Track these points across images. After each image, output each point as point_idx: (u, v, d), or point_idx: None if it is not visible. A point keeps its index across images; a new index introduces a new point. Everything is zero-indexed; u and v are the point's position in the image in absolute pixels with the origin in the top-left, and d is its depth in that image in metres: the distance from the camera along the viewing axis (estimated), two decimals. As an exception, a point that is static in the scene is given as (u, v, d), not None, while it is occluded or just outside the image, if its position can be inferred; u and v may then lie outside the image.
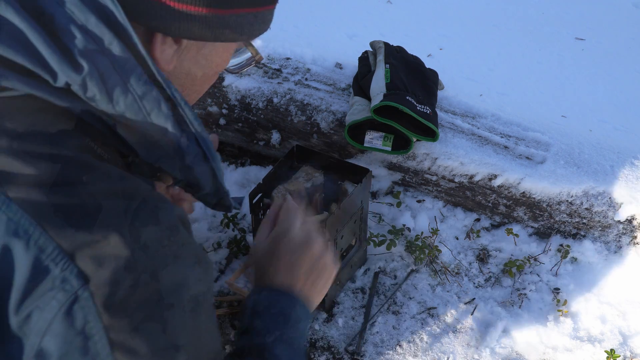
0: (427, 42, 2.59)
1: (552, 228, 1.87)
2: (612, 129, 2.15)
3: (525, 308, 1.73)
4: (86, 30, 0.76)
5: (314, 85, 2.11)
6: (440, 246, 1.84)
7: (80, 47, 0.75)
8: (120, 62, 0.78)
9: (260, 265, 1.15)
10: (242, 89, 2.13)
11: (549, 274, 1.80)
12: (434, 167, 1.91)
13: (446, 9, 2.92)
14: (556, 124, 2.07)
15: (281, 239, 1.15)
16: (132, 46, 0.79)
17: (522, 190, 1.84)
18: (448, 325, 1.69)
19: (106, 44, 0.77)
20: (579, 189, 1.81)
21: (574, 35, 2.77)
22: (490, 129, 1.98)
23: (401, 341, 1.66)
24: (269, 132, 2.10)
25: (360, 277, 1.82)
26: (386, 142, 1.89)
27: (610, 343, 1.63)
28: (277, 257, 1.13)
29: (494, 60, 2.53)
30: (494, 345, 1.63)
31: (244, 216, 2.06)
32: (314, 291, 1.15)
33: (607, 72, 2.51)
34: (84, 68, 0.76)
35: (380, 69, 1.94)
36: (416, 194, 1.98)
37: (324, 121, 2.01)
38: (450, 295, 1.76)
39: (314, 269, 1.15)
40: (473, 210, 1.94)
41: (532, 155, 1.89)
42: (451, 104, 2.07)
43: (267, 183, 1.67)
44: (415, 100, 1.85)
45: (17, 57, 0.74)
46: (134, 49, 0.80)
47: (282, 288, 1.10)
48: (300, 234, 1.16)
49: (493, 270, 1.82)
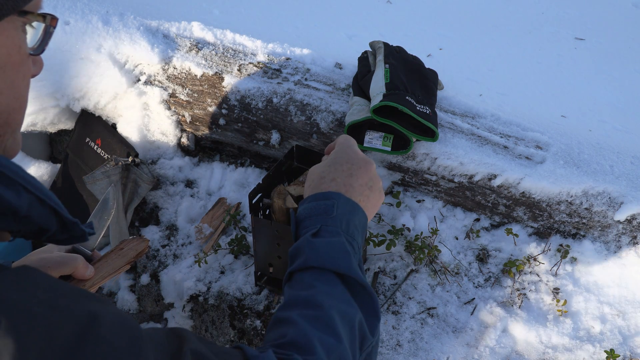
0: (427, 42, 2.58)
1: (552, 228, 1.87)
2: (612, 129, 2.15)
3: (525, 308, 1.73)
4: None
5: (313, 85, 2.11)
6: (440, 246, 1.84)
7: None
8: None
9: (318, 176, 1.20)
10: (241, 89, 2.13)
11: (548, 274, 1.80)
12: (433, 167, 1.91)
13: (446, 9, 2.92)
14: (556, 123, 2.07)
15: (345, 153, 1.22)
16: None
17: (521, 190, 1.84)
18: (448, 325, 1.69)
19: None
20: (578, 188, 1.81)
21: (573, 35, 2.76)
22: (490, 129, 1.98)
23: (401, 341, 1.66)
24: (269, 132, 2.10)
25: (360, 277, 1.82)
26: (386, 142, 1.89)
27: (610, 343, 1.63)
28: (339, 167, 1.20)
29: (494, 60, 2.53)
30: (494, 345, 1.63)
31: (244, 216, 2.06)
32: (368, 204, 1.20)
33: (607, 72, 2.51)
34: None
35: (379, 69, 1.94)
36: (416, 194, 1.98)
37: (324, 121, 2.01)
38: (450, 295, 1.76)
39: (370, 185, 1.20)
40: (473, 210, 1.94)
41: (532, 155, 1.89)
42: (451, 104, 2.07)
43: (267, 183, 1.67)
44: (415, 100, 1.85)
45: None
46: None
47: (331, 191, 1.15)
48: (363, 154, 1.24)
49: (493, 270, 1.82)
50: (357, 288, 1.07)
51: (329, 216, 1.12)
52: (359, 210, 1.17)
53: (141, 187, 2.20)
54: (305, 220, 1.15)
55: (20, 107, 0.88)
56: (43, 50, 0.90)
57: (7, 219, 0.81)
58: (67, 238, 0.92)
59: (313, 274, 1.06)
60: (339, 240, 1.10)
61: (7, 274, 0.75)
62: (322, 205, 1.14)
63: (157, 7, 2.53)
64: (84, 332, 0.72)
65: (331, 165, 1.21)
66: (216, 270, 1.96)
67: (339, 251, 1.08)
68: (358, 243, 1.15)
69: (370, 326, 1.05)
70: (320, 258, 1.07)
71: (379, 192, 1.23)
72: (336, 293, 1.04)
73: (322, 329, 0.97)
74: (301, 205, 1.18)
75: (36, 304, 0.72)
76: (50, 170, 2.53)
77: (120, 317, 0.77)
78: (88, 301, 0.77)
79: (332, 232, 1.11)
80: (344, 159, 1.22)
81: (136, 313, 2.21)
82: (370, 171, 1.22)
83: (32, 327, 0.70)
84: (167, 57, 2.27)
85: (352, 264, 1.08)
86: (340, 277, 1.06)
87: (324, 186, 1.18)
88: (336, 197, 1.15)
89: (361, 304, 1.06)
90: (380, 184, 1.24)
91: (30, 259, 1.22)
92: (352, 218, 1.15)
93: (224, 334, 1.91)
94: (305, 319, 0.98)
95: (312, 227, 1.12)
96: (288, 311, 1.00)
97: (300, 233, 1.15)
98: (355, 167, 1.21)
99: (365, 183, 1.20)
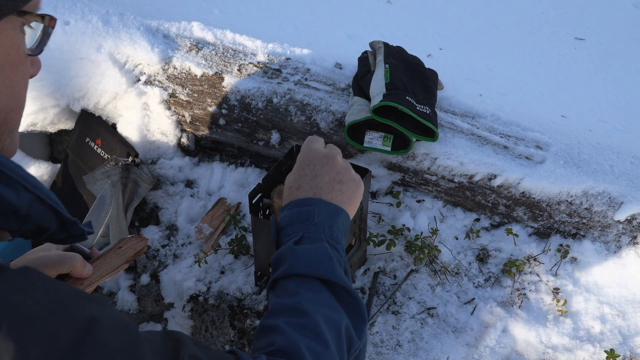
0: (426, 42, 2.58)
1: (552, 228, 1.87)
2: (612, 129, 2.15)
3: (525, 308, 1.73)
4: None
5: (313, 85, 2.11)
6: (440, 246, 1.84)
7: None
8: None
9: (287, 187, 1.21)
10: (241, 89, 2.13)
11: (548, 274, 1.80)
12: (433, 167, 1.91)
13: (446, 9, 2.92)
14: (556, 123, 2.06)
15: (305, 155, 1.21)
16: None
17: (521, 190, 1.84)
18: (448, 325, 1.69)
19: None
20: (578, 188, 1.81)
21: (573, 35, 2.76)
22: (490, 129, 1.98)
23: (401, 341, 1.66)
24: (269, 132, 2.10)
25: (360, 277, 1.82)
26: (386, 142, 1.89)
27: (610, 343, 1.63)
28: (301, 172, 1.19)
29: (494, 60, 2.53)
30: (494, 345, 1.63)
31: (244, 216, 2.06)
32: (344, 198, 1.19)
33: (607, 72, 2.51)
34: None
35: (379, 69, 1.94)
36: (416, 194, 1.98)
37: (324, 121, 2.01)
38: (450, 295, 1.76)
39: (339, 179, 1.19)
40: (473, 210, 1.94)
41: (532, 155, 1.89)
42: (451, 104, 2.07)
43: (266, 183, 1.67)
44: (415, 100, 1.85)
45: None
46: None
47: (307, 197, 1.15)
48: (324, 150, 1.23)
49: (493, 270, 1.82)
50: (342, 293, 1.07)
51: (311, 223, 1.13)
52: (340, 212, 1.16)
53: (141, 187, 2.20)
54: (286, 228, 1.15)
55: (18, 107, 0.88)
56: (41, 50, 0.90)
57: (7, 218, 0.81)
58: (66, 237, 0.92)
59: (297, 281, 1.06)
60: (322, 246, 1.10)
61: (8, 276, 0.75)
62: (303, 212, 1.14)
63: (157, 7, 2.53)
64: (83, 335, 0.73)
65: (295, 173, 1.21)
66: (216, 270, 1.96)
67: (322, 258, 1.08)
68: (342, 245, 1.15)
69: (357, 330, 1.06)
70: (304, 265, 1.07)
71: (352, 182, 1.21)
72: (321, 299, 1.04)
73: (309, 336, 0.97)
74: (282, 212, 1.18)
75: (36, 306, 0.72)
76: (50, 170, 2.53)
77: (119, 319, 0.78)
78: (88, 303, 0.77)
79: (314, 238, 1.11)
80: (305, 162, 1.21)
81: (136, 313, 2.21)
82: (335, 165, 1.21)
83: (32, 330, 0.70)
84: (167, 57, 2.27)
85: (336, 269, 1.08)
86: (324, 282, 1.07)
87: (293, 196, 1.18)
88: (317, 203, 1.15)
89: (346, 308, 1.06)
90: (351, 173, 1.21)
91: (28, 257, 1.22)
92: (335, 222, 1.15)
93: (224, 334, 1.91)
94: (291, 326, 0.98)
95: (294, 235, 1.12)
96: (274, 319, 1.00)
97: (282, 240, 1.15)
98: (318, 166, 1.20)
99: (333, 178, 1.19)
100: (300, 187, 1.18)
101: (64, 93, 2.31)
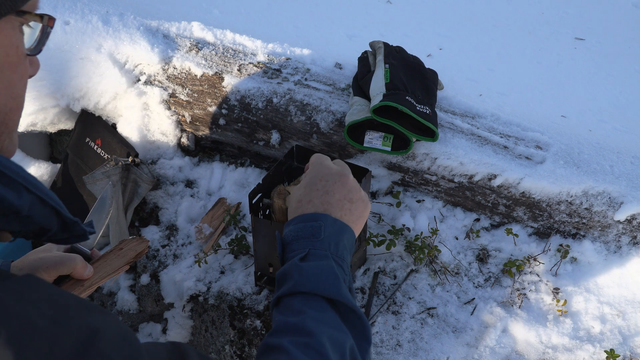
0: (426, 42, 2.58)
1: (552, 228, 1.87)
2: (612, 129, 2.15)
3: (525, 308, 1.73)
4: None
5: (313, 85, 2.11)
6: (440, 246, 1.84)
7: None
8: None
9: (295, 200, 1.20)
10: (241, 89, 2.13)
11: (548, 274, 1.80)
12: (433, 167, 1.91)
13: (446, 9, 2.92)
14: (556, 124, 2.07)
15: (318, 171, 1.21)
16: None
17: (521, 190, 1.84)
18: (448, 325, 1.69)
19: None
20: (578, 188, 1.81)
21: (573, 35, 2.76)
22: (490, 129, 1.98)
23: (401, 341, 1.66)
24: (269, 132, 2.10)
25: (360, 277, 1.82)
26: (386, 142, 1.89)
27: (610, 343, 1.63)
28: (313, 187, 1.18)
29: (494, 60, 2.53)
30: (494, 345, 1.63)
31: (244, 216, 2.06)
32: (352, 217, 1.19)
33: (607, 72, 2.51)
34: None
35: (379, 69, 1.94)
36: (416, 194, 1.98)
37: (324, 121, 2.01)
38: (450, 295, 1.76)
39: (350, 197, 1.19)
40: (473, 210, 1.94)
41: (532, 155, 1.89)
42: (451, 104, 2.07)
43: (266, 183, 1.67)
44: (415, 100, 1.85)
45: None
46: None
47: (315, 212, 1.14)
48: (336, 167, 1.23)
49: (493, 270, 1.82)
50: (347, 312, 1.06)
51: (317, 239, 1.12)
52: (346, 229, 1.16)
53: (141, 187, 2.20)
54: (292, 243, 1.13)
55: (17, 108, 0.88)
56: (40, 50, 0.89)
57: (9, 219, 0.81)
58: (67, 237, 0.92)
59: (302, 299, 1.05)
60: (328, 264, 1.09)
61: (11, 284, 0.75)
62: (309, 227, 1.13)
63: (157, 7, 2.53)
64: (84, 347, 0.72)
65: (306, 187, 1.20)
66: (216, 270, 1.96)
67: (328, 275, 1.07)
68: (347, 263, 1.14)
69: (362, 351, 1.05)
70: (309, 283, 1.06)
71: (361, 202, 1.21)
72: (326, 319, 1.03)
73: (314, 357, 0.96)
74: (287, 227, 1.17)
75: (38, 315, 0.72)
76: (50, 170, 2.53)
77: (120, 331, 0.77)
78: (90, 313, 0.76)
79: (320, 255, 1.10)
80: (317, 177, 1.20)
81: (136, 313, 2.21)
82: (347, 183, 1.20)
83: (33, 340, 0.70)
84: (167, 57, 2.27)
85: (342, 288, 1.07)
86: (330, 302, 1.06)
87: (302, 210, 1.17)
88: (323, 219, 1.14)
89: (352, 328, 1.05)
90: (362, 193, 1.22)
91: (29, 258, 1.22)
92: (341, 239, 1.14)
93: (224, 334, 1.91)
94: (296, 346, 0.97)
95: (299, 251, 1.11)
96: (278, 338, 0.99)
97: (287, 256, 1.14)
98: (330, 183, 1.19)
99: (344, 197, 1.18)
100: (311, 201, 1.17)
101: (64, 93, 2.31)
